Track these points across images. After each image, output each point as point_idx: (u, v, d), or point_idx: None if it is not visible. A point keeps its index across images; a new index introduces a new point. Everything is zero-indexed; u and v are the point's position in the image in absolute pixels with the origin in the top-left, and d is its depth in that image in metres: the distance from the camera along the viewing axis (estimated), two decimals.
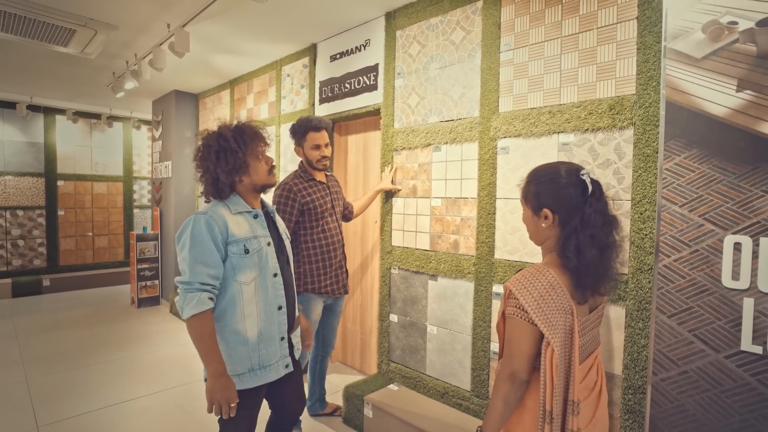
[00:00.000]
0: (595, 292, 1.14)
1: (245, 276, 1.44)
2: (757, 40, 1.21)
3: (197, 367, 3.27)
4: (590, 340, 1.21)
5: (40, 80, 4.45)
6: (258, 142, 1.49)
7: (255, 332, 1.46)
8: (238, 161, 1.44)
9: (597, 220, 1.10)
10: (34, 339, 3.85)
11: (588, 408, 1.15)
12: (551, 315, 1.06)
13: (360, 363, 3.23)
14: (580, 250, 1.08)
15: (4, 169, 5.43)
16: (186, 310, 1.34)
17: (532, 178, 1.20)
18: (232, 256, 1.42)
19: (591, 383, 1.19)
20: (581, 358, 1.18)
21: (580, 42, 1.80)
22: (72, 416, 2.53)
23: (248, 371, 1.45)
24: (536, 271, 1.11)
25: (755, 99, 1.22)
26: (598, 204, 1.12)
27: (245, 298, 1.44)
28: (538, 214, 1.17)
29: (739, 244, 1.24)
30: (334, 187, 2.42)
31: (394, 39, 2.60)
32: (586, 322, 1.17)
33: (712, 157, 1.28)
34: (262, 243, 1.49)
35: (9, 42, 3.24)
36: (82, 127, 5.95)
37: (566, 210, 1.12)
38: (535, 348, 1.09)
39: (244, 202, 1.51)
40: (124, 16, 2.79)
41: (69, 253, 5.92)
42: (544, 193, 1.15)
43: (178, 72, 3.99)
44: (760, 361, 1.22)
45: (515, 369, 1.09)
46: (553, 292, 1.07)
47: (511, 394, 1.11)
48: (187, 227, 1.40)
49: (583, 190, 1.12)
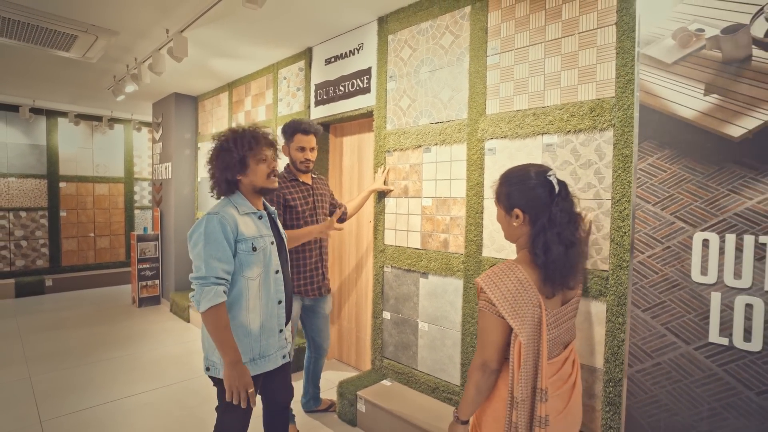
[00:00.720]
0: (564, 287, 1.20)
1: (252, 272, 1.54)
2: (722, 47, 1.27)
3: (196, 364, 3.33)
4: (565, 332, 1.27)
5: (43, 84, 4.53)
6: (259, 145, 1.57)
7: (257, 324, 1.56)
8: (232, 160, 1.53)
9: (563, 218, 1.17)
10: (37, 338, 3.92)
11: (560, 399, 1.22)
12: (519, 309, 1.13)
13: (355, 360, 3.29)
14: (548, 247, 1.15)
15: (8, 171, 5.52)
16: (203, 303, 1.42)
17: (504, 179, 1.27)
18: (240, 253, 1.52)
19: (565, 375, 1.25)
20: (556, 349, 1.24)
21: (562, 46, 1.86)
22: (74, 412, 2.60)
23: (250, 360, 1.56)
24: (506, 267, 1.18)
25: (721, 102, 1.28)
26: (564, 203, 1.19)
27: (251, 293, 1.55)
28: (510, 214, 1.24)
29: (707, 240, 1.30)
30: (318, 190, 2.42)
31: (386, 43, 2.66)
32: (558, 314, 1.23)
33: (682, 157, 1.34)
34: (267, 242, 1.60)
35: (12, 47, 3.32)
36: (83, 129, 6.04)
37: (535, 209, 1.19)
38: (504, 339, 1.16)
39: (249, 204, 1.61)
40: (125, 22, 2.86)
41: (71, 254, 6.00)
42: (515, 193, 1.23)
43: (177, 75, 4.07)
44: (727, 352, 1.28)
45: (486, 358, 1.17)
46: (521, 287, 1.14)
47: (482, 382, 1.18)
48: (201, 225, 1.49)
49: (550, 191, 1.19)
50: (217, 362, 1.55)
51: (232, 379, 1.44)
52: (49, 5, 2.63)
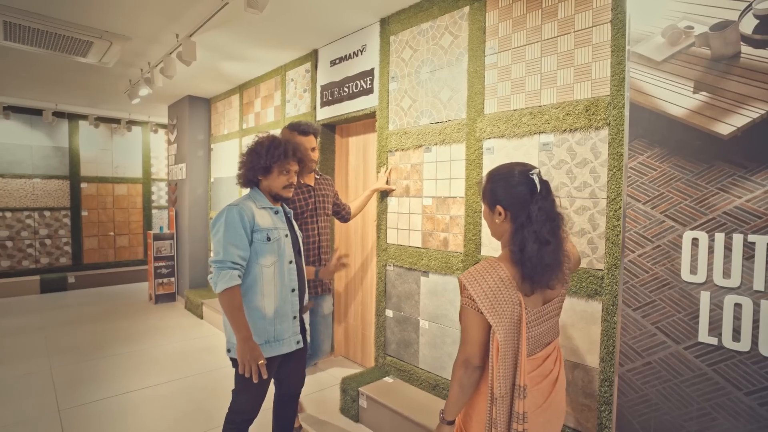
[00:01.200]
0: (543, 285, 1.19)
1: (266, 260, 1.70)
2: (711, 44, 1.26)
3: (206, 360, 3.43)
4: (546, 331, 1.28)
5: (64, 88, 4.71)
6: (287, 158, 1.74)
7: (272, 309, 1.71)
8: (258, 164, 1.73)
9: (540, 216, 1.17)
10: (59, 332, 4.09)
11: (539, 394, 1.22)
12: (498, 306, 1.13)
13: (361, 357, 3.33)
14: (524, 244, 1.15)
15: (33, 173, 5.75)
16: (219, 285, 1.57)
17: (489, 177, 1.28)
18: (256, 243, 1.68)
19: (546, 371, 1.26)
20: (538, 347, 1.25)
21: (558, 45, 1.86)
22: (90, 402, 2.72)
23: (265, 342, 1.70)
24: (488, 265, 1.19)
25: (710, 100, 1.26)
26: (543, 202, 1.18)
27: (265, 279, 1.70)
28: (493, 210, 1.25)
29: (696, 239, 1.29)
30: (321, 191, 2.43)
31: (389, 44, 2.69)
32: (540, 313, 1.23)
33: (672, 156, 1.34)
34: (281, 234, 1.76)
35: (34, 54, 3.47)
36: (103, 131, 6.25)
37: (517, 207, 1.20)
38: (485, 336, 1.17)
39: (266, 200, 1.78)
40: (136, 28, 2.96)
41: (92, 252, 6.22)
42: (498, 190, 1.24)
43: (190, 78, 4.18)
44: (716, 352, 1.27)
45: (468, 355, 1.18)
46: (502, 285, 1.15)
47: (465, 379, 1.19)
48: (222, 215, 1.66)
49: (531, 189, 1.19)
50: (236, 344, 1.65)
51: (244, 353, 1.57)
52: (65, 13, 2.75)
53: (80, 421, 2.51)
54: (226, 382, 3.01)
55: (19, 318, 4.55)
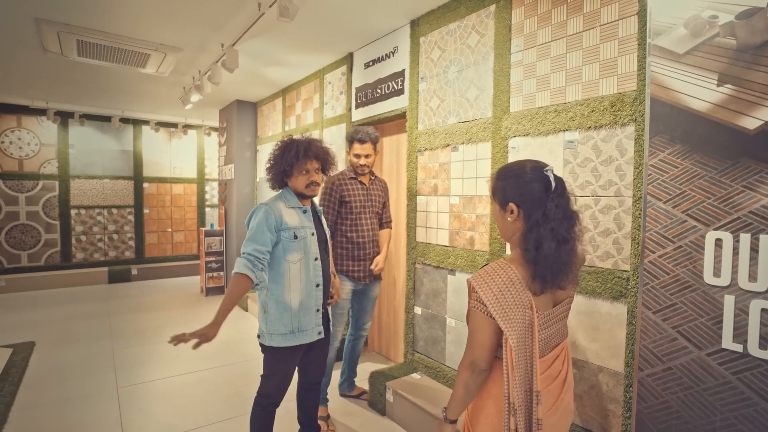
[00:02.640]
0: (554, 285, 1.16)
1: (293, 257, 1.81)
2: (736, 33, 1.19)
3: (247, 349, 3.64)
4: (555, 333, 1.25)
5: (128, 96, 5.17)
6: (303, 159, 1.84)
7: (297, 302, 1.83)
8: (280, 168, 1.87)
9: (557, 214, 1.13)
10: (122, 318, 4.50)
11: (549, 395, 1.21)
12: (509, 310, 1.11)
13: (393, 353, 3.39)
14: (540, 242, 1.12)
15: (103, 174, 6.35)
16: (234, 269, 1.72)
17: (500, 174, 1.25)
18: (284, 240, 1.80)
19: (555, 372, 1.24)
20: (546, 349, 1.23)
21: (584, 40, 1.81)
22: (145, 382, 2.99)
23: (289, 332, 1.82)
24: (498, 267, 1.16)
25: (735, 93, 1.20)
26: (559, 199, 1.15)
27: (291, 274, 1.81)
28: (504, 209, 1.21)
29: (720, 240, 1.23)
30: (375, 191, 2.59)
31: (418, 45, 2.73)
32: (549, 315, 1.21)
33: (695, 152, 1.28)
34: (307, 232, 1.87)
35: (102, 67, 3.85)
36: (162, 135, 6.76)
37: (530, 204, 1.16)
38: (493, 339, 1.15)
39: (296, 199, 1.90)
40: (186, 40, 3.21)
41: (152, 247, 6.76)
42: (510, 188, 1.20)
43: (237, 83, 4.44)
44: (741, 360, 1.20)
45: (475, 358, 1.16)
46: (513, 288, 1.12)
47: (470, 381, 1.17)
48: (253, 214, 1.82)
49: (546, 186, 1.15)
50: (265, 332, 1.83)
51: (203, 328, 1.59)
52: (125, 29, 3.03)
53: (135, 398, 2.76)
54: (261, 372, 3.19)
55: (90, 305, 5.05)
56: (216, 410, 2.62)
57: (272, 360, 1.87)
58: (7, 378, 2.92)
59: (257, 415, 1.89)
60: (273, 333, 1.81)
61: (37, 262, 5.94)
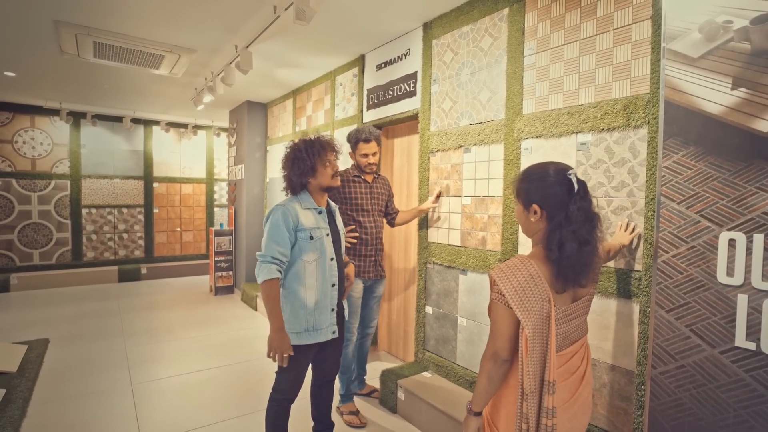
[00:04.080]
0: (575, 284, 1.20)
1: (309, 257, 1.84)
2: (751, 38, 1.22)
3: (258, 347, 3.69)
4: (575, 329, 1.29)
5: (140, 97, 5.24)
6: (326, 151, 1.89)
7: (313, 301, 1.86)
8: (306, 166, 1.85)
9: (579, 216, 1.18)
10: (134, 316, 4.56)
11: (566, 390, 1.25)
12: (527, 302, 1.16)
13: (403, 353, 3.42)
14: (562, 243, 1.16)
15: (114, 173, 6.43)
16: (260, 276, 1.75)
17: (524, 176, 1.30)
18: (300, 241, 1.83)
19: (573, 368, 1.27)
20: (566, 344, 1.27)
21: (597, 44, 1.84)
22: (158, 378, 3.04)
23: (305, 331, 1.85)
24: (518, 261, 1.21)
25: (749, 96, 1.23)
26: (582, 202, 1.19)
27: (308, 274, 1.85)
28: (528, 210, 1.26)
29: (733, 240, 1.26)
30: (378, 189, 2.65)
31: (431, 48, 2.77)
32: (569, 311, 1.25)
33: (708, 154, 1.30)
34: (323, 233, 1.89)
35: (117, 68, 3.92)
36: (172, 135, 6.84)
37: (553, 206, 1.21)
38: (513, 330, 1.20)
39: (312, 200, 1.91)
40: (200, 41, 3.26)
41: (162, 246, 6.83)
42: (534, 190, 1.25)
43: (249, 84, 4.50)
44: (754, 358, 1.22)
45: (497, 349, 1.21)
46: (532, 282, 1.17)
47: (493, 372, 1.22)
48: (270, 215, 1.83)
49: (569, 189, 1.19)
50: None
51: (275, 342, 1.74)
52: (141, 31, 3.09)
53: (149, 394, 2.81)
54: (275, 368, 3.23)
55: (101, 303, 5.12)
56: (230, 407, 2.67)
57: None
58: (24, 374, 2.98)
59: (272, 410, 1.92)
60: (288, 331, 1.83)
61: (48, 260, 6.02)
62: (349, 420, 2.49)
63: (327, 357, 2.04)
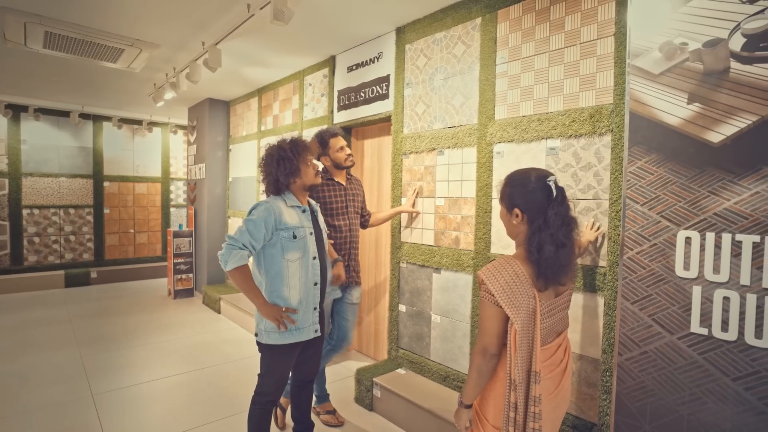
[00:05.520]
0: (555, 283, 1.30)
1: (291, 255, 1.85)
2: (703, 59, 1.38)
3: (227, 351, 3.60)
4: (558, 322, 1.39)
5: (91, 91, 4.94)
6: (307, 152, 1.93)
7: (296, 300, 1.87)
8: (293, 166, 1.88)
9: (557, 221, 1.27)
10: (86, 323, 4.30)
11: (551, 381, 1.35)
12: (515, 299, 1.25)
13: (373, 351, 3.47)
14: (541, 246, 1.26)
15: (59, 172, 6.00)
16: (230, 263, 1.75)
17: (507, 180, 1.39)
18: (283, 239, 1.83)
19: (557, 360, 1.38)
20: (550, 337, 1.37)
21: (565, 56, 1.98)
22: (121, 387, 2.90)
23: (288, 330, 1.85)
24: (504, 262, 1.30)
25: (703, 111, 1.38)
26: (559, 207, 1.29)
27: (290, 273, 1.85)
28: (510, 213, 1.36)
29: (689, 238, 1.41)
30: (352, 190, 2.57)
31: (404, 52, 2.83)
32: (552, 305, 1.35)
33: (668, 161, 1.45)
34: (306, 232, 1.90)
35: (67, 60, 3.68)
36: (125, 132, 6.49)
37: (533, 210, 1.30)
38: (501, 326, 1.29)
39: (296, 199, 1.93)
40: (166, 36, 3.14)
41: (113, 248, 6.46)
42: (516, 194, 1.34)
43: (211, 82, 4.36)
44: (706, 342, 1.38)
45: (486, 344, 1.29)
46: (518, 280, 1.26)
47: (483, 366, 1.30)
48: (253, 209, 1.84)
49: (548, 195, 1.29)
50: (262, 330, 1.85)
51: (268, 313, 1.79)
52: (102, 23, 2.93)
53: (113, 404, 2.68)
54: (249, 371, 3.18)
55: (47, 310, 4.78)
56: (203, 412, 2.60)
57: (270, 358, 1.90)
58: None
59: (256, 413, 1.91)
60: (271, 331, 1.84)
61: None
62: (326, 420, 2.51)
63: (308, 358, 2.05)
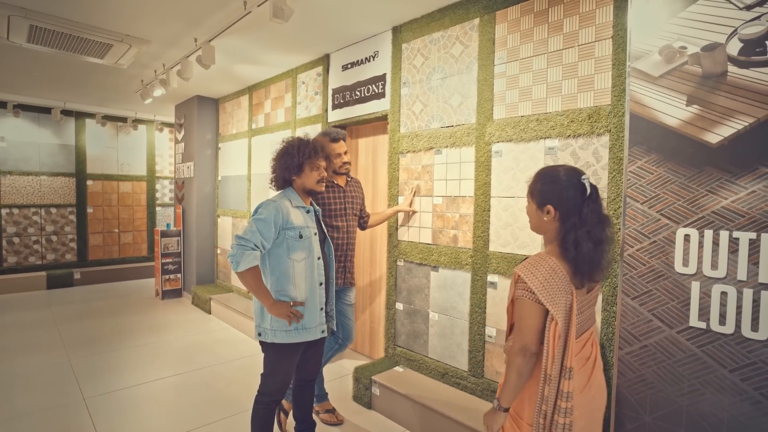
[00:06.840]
0: (590, 279, 1.31)
1: (297, 255, 1.86)
2: (702, 63, 1.43)
3: (221, 352, 3.56)
4: (587, 318, 1.40)
5: (75, 87, 4.80)
6: (318, 156, 1.93)
7: (302, 300, 1.88)
8: (293, 163, 1.89)
9: (593, 218, 1.28)
10: (72, 326, 4.19)
11: (583, 375, 1.35)
12: (554, 295, 1.24)
13: (369, 350, 3.48)
14: (578, 243, 1.26)
15: (40, 170, 5.83)
16: (242, 264, 1.74)
17: (539, 177, 1.38)
18: (289, 239, 1.85)
19: (587, 354, 1.39)
20: (579, 332, 1.37)
21: (563, 57, 2.02)
22: (114, 390, 2.84)
23: (294, 329, 1.87)
24: (540, 258, 1.29)
25: (701, 112, 1.43)
26: (594, 205, 1.29)
27: (296, 273, 1.87)
28: (542, 209, 1.34)
29: (688, 235, 1.46)
30: (351, 192, 2.56)
31: (400, 51, 2.84)
32: (584, 301, 1.36)
33: (667, 161, 1.50)
34: (311, 232, 1.92)
35: (50, 55, 3.57)
36: (109, 129, 6.33)
37: (566, 208, 1.30)
38: (541, 323, 1.27)
39: (300, 199, 1.94)
40: (157, 32, 3.08)
41: (97, 249, 6.31)
42: (549, 191, 1.33)
43: (200, 78, 4.29)
44: (705, 335, 1.44)
45: (526, 342, 1.27)
46: (555, 276, 1.26)
47: (523, 366, 1.28)
48: (262, 206, 1.84)
49: (582, 192, 1.30)
50: (267, 329, 1.85)
51: (278, 311, 1.80)
52: (90, 18, 2.86)
53: (106, 407, 2.63)
54: (245, 372, 3.16)
55: (29, 313, 4.65)
56: (201, 413, 2.57)
57: (274, 357, 1.89)
58: None
59: (259, 413, 1.91)
60: (277, 329, 1.84)
61: None
62: (325, 418, 2.51)
63: (310, 357, 2.05)
